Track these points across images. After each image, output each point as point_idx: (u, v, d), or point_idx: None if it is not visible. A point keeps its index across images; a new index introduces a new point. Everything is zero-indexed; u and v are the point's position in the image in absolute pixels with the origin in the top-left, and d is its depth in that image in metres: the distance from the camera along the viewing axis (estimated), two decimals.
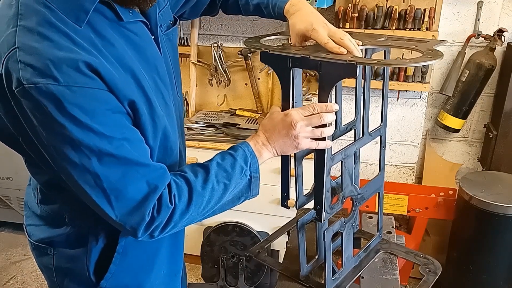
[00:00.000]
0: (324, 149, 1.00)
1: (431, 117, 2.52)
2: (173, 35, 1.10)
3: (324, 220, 1.07)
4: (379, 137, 1.25)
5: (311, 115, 0.97)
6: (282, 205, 1.16)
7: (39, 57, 0.75)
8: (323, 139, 0.99)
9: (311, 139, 0.99)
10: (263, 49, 1.02)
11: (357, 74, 0.91)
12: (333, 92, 1.12)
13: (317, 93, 0.99)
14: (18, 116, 0.82)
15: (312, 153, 1.14)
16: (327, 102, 0.97)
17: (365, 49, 1.07)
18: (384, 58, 1.14)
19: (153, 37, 0.97)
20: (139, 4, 0.90)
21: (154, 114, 0.91)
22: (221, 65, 2.57)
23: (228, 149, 0.99)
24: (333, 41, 0.98)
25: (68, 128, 0.77)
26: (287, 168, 1.12)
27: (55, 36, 0.77)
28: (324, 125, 0.98)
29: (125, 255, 1.01)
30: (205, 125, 2.47)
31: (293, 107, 1.04)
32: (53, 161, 0.84)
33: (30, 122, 0.80)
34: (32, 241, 1.07)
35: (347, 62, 0.90)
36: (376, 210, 1.33)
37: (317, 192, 1.05)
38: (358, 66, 0.89)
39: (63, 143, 0.78)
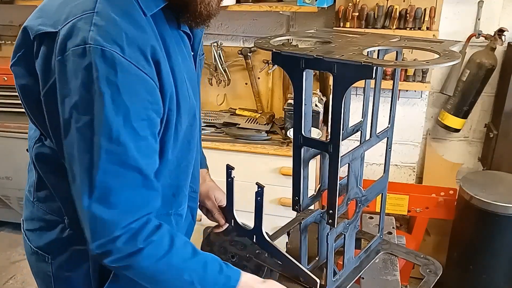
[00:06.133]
0: (338, 154, 0.98)
1: (432, 117, 2.51)
2: (202, 56, 1.14)
3: (336, 224, 1.05)
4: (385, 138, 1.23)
5: None
6: (293, 209, 1.13)
7: (116, 27, 0.77)
8: None
9: None
10: (274, 50, 0.99)
11: (374, 76, 0.88)
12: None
13: (332, 94, 0.96)
14: (53, 73, 0.80)
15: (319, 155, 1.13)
16: (341, 103, 0.94)
17: (378, 50, 1.04)
18: (396, 59, 1.12)
19: (192, 53, 0.99)
20: (194, 20, 0.92)
21: (179, 128, 0.91)
22: (221, 65, 2.56)
23: (223, 261, 0.98)
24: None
25: (105, 96, 0.75)
26: (298, 172, 1.09)
27: (134, 16, 0.80)
28: None
29: None
30: (205, 124, 2.47)
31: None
32: (65, 125, 0.80)
33: (64, 84, 0.78)
34: (31, 246, 1.04)
35: (363, 63, 0.87)
36: (377, 211, 1.33)
37: (330, 197, 1.03)
38: (374, 67, 0.87)
39: (89, 110, 0.77)
